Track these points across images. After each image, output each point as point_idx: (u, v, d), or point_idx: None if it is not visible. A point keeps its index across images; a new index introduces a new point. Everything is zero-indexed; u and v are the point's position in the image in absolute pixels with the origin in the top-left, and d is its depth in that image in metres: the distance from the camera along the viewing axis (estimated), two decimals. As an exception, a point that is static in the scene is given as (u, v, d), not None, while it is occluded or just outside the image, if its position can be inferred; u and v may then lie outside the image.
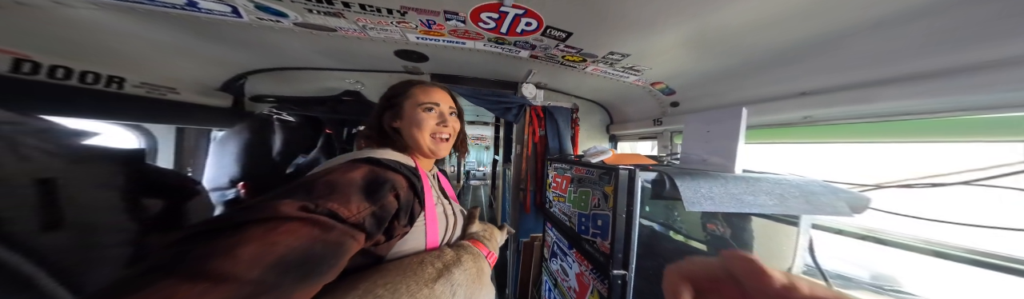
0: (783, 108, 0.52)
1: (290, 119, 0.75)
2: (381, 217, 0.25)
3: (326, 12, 0.49)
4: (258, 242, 0.17)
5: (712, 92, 0.69)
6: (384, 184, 0.27)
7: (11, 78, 0.39)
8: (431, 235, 0.31)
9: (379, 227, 0.25)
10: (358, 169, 0.27)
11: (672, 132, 0.88)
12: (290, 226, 0.19)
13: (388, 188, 0.27)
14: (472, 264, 0.31)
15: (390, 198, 0.26)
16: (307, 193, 0.22)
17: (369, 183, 0.26)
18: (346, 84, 0.86)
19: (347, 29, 0.58)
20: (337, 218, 0.21)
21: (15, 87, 0.39)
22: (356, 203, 0.23)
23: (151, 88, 0.58)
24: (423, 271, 0.27)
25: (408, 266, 0.27)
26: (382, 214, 0.25)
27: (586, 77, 0.83)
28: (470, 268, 0.30)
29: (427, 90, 0.38)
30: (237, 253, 0.16)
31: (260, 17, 0.50)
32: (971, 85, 0.32)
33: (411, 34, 0.61)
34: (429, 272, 0.27)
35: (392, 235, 0.27)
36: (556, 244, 0.72)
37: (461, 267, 0.29)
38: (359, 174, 0.27)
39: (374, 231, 0.24)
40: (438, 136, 0.37)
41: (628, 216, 0.43)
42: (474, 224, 0.41)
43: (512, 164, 1.06)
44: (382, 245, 0.27)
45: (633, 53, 0.61)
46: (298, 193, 0.22)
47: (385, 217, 0.25)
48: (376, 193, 0.25)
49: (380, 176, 0.27)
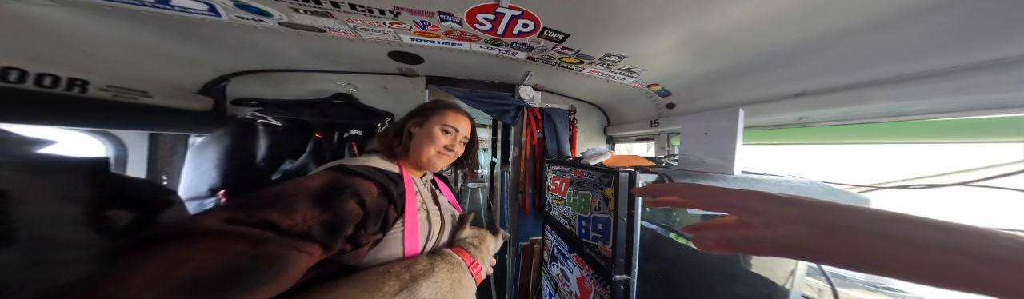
0: (778, 109, 0.52)
1: (276, 123, 0.70)
2: (335, 225, 0.23)
3: (314, 12, 0.48)
4: (165, 261, 0.16)
5: (708, 94, 0.70)
6: (343, 191, 0.26)
7: None
8: (410, 242, 0.30)
9: (334, 236, 0.23)
10: (320, 177, 0.27)
11: (669, 133, 0.89)
12: (210, 241, 0.18)
13: (348, 195, 0.26)
14: (446, 275, 0.28)
15: (350, 205, 0.25)
16: (248, 203, 0.22)
17: (325, 190, 0.25)
18: (337, 86, 0.83)
19: (337, 30, 0.56)
20: (273, 229, 0.20)
21: None
22: (302, 211, 0.22)
23: (119, 91, 0.52)
24: (384, 284, 0.24)
25: (368, 278, 0.25)
26: (336, 222, 0.23)
27: (583, 79, 0.84)
28: (442, 280, 0.28)
29: (457, 116, 0.41)
30: (132, 276, 0.15)
31: (241, 16, 0.47)
32: (964, 86, 0.32)
33: (405, 35, 0.60)
34: (391, 285, 0.25)
35: (359, 243, 0.26)
36: (556, 248, 0.71)
37: (431, 279, 0.27)
38: (318, 181, 0.26)
39: (328, 240, 0.23)
40: (442, 154, 0.39)
41: (629, 220, 0.42)
42: (464, 230, 0.38)
43: (510, 166, 1.05)
44: (349, 254, 0.26)
45: (630, 55, 0.61)
46: (241, 203, 0.21)
47: (341, 225, 0.24)
48: (331, 200, 0.24)
49: (341, 183, 0.27)
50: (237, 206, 0.21)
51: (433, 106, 0.41)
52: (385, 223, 0.28)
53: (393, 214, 0.29)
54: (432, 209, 0.35)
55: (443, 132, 0.39)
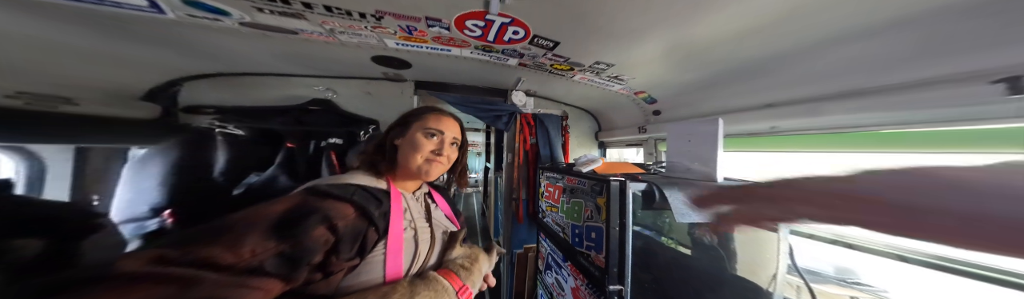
0: (753, 118, 0.55)
1: (238, 132, 0.63)
2: (295, 256, 0.21)
3: (281, 12, 0.43)
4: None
5: (689, 102, 0.72)
6: (309, 216, 0.24)
7: None
8: (392, 266, 0.27)
9: (295, 267, 0.21)
10: (284, 202, 0.25)
11: (656, 140, 0.91)
12: (127, 287, 0.15)
13: (316, 220, 0.24)
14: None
15: (318, 231, 0.23)
16: (186, 239, 0.19)
17: (286, 217, 0.23)
18: (314, 92, 0.76)
19: (311, 32, 0.52)
20: (211, 267, 0.18)
21: None
22: (252, 245, 0.20)
23: (33, 98, 0.44)
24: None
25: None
26: (297, 252, 0.21)
27: (574, 85, 0.85)
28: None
29: (439, 118, 0.38)
30: None
31: (191, 14, 0.42)
32: (913, 100, 0.35)
33: (389, 40, 0.58)
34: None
35: (330, 271, 0.24)
36: (550, 256, 0.70)
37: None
38: (280, 207, 0.24)
39: (288, 272, 0.21)
40: (432, 160, 0.36)
41: (621, 229, 0.42)
42: (455, 249, 0.35)
43: (504, 172, 1.04)
44: (319, 283, 0.24)
45: (617, 63, 0.63)
46: (178, 239, 0.19)
47: (303, 255, 0.22)
48: (294, 227, 0.22)
49: (308, 207, 0.24)
50: (171, 243, 0.19)
51: (413, 113, 0.39)
52: (363, 247, 0.26)
53: (373, 236, 0.27)
54: (421, 227, 0.33)
55: (427, 136, 0.36)
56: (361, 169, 0.35)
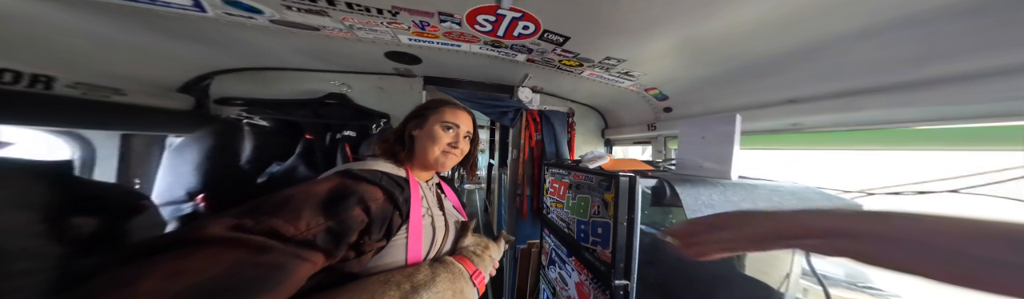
0: (772, 115, 0.53)
1: (263, 123, 0.67)
2: (340, 233, 0.23)
3: (308, 10, 0.46)
4: (170, 270, 0.16)
5: (704, 98, 0.70)
6: (350, 196, 0.25)
7: None
8: (413, 249, 0.29)
9: (338, 244, 0.23)
10: (327, 182, 0.26)
11: (666, 137, 0.89)
12: (214, 249, 0.18)
13: (354, 201, 0.25)
14: (447, 285, 0.28)
15: (355, 212, 0.25)
16: (254, 209, 0.21)
17: (331, 197, 0.25)
18: (330, 86, 0.79)
19: (332, 28, 0.54)
20: (277, 236, 0.20)
21: None
22: (307, 219, 0.22)
23: (88, 89, 0.48)
24: (384, 293, 0.24)
25: (368, 287, 0.24)
26: (341, 230, 0.23)
27: (582, 81, 0.84)
28: (444, 291, 0.27)
29: (455, 112, 0.40)
30: (139, 284, 0.15)
31: (229, 12, 0.45)
32: (954, 95, 0.32)
33: (403, 35, 0.59)
34: (391, 295, 0.24)
35: (362, 250, 0.25)
36: (554, 251, 0.70)
37: (432, 289, 0.26)
38: (325, 187, 0.25)
39: (332, 248, 0.22)
40: (448, 152, 0.38)
41: (629, 224, 0.42)
42: (467, 237, 0.37)
43: (508, 169, 1.05)
44: (352, 261, 0.25)
45: (628, 58, 0.61)
46: (248, 209, 0.21)
47: (345, 233, 0.23)
48: (336, 207, 0.24)
49: (348, 188, 0.26)
50: (243, 213, 0.21)
51: (429, 105, 0.40)
52: (389, 230, 0.27)
53: (397, 220, 0.28)
54: (437, 215, 0.34)
55: (444, 129, 0.38)
56: (381, 157, 0.36)
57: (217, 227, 0.18)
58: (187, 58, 0.62)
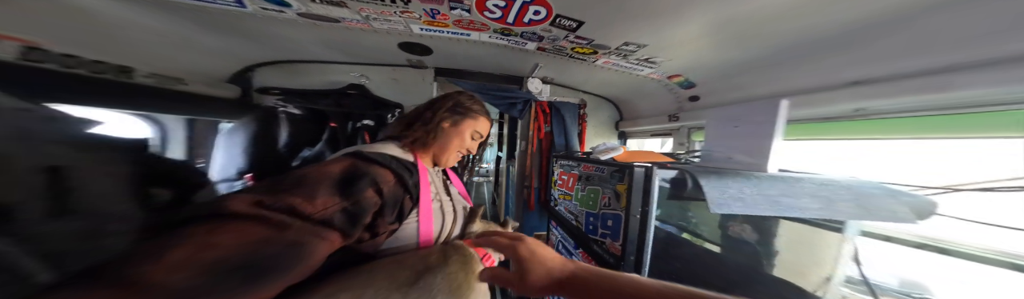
0: (830, 100, 0.46)
1: (296, 112, 0.74)
2: (355, 213, 0.23)
3: (328, 1, 0.48)
4: (196, 242, 0.16)
5: (740, 85, 0.63)
6: (362, 178, 0.25)
7: (20, 65, 0.39)
8: (424, 232, 0.30)
9: (354, 224, 0.23)
10: (339, 163, 0.27)
11: (690, 128, 0.82)
12: (237, 224, 0.18)
13: (367, 183, 0.25)
14: (460, 267, 0.27)
15: (368, 193, 0.25)
16: (272, 187, 0.22)
17: (345, 177, 0.25)
18: (350, 78, 0.85)
19: (350, 20, 0.56)
20: (297, 214, 0.20)
21: (24, 74, 0.39)
22: (323, 198, 0.22)
23: (160, 79, 0.58)
24: (400, 274, 0.24)
25: (382, 268, 0.25)
26: (356, 210, 0.23)
27: (596, 71, 0.79)
28: (457, 272, 0.27)
29: (487, 123, 0.42)
30: (165, 256, 0.15)
31: (263, 7, 0.49)
32: None
33: (415, 25, 0.59)
34: (405, 276, 0.24)
35: (377, 232, 0.26)
36: (561, 243, 0.71)
37: (445, 271, 0.26)
38: (338, 168, 0.26)
39: (348, 228, 0.22)
40: (461, 155, 0.41)
41: (643, 217, 0.41)
42: (475, 223, 0.37)
43: (516, 161, 1.04)
44: (367, 243, 0.26)
45: (651, 44, 0.57)
46: (265, 187, 0.22)
47: (360, 213, 0.24)
48: (350, 187, 0.24)
49: (360, 170, 0.26)
50: (263, 189, 0.21)
51: (470, 108, 0.40)
52: (401, 212, 0.28)
53: (408, 204, 0.29)
54: (445, 200, 0.35)
55: (474, 137, 0.40)
56: (394, 140, 0.36)
57: (240, 203, 0.18)
58: (234, 52, 0.70)
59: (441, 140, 0.38)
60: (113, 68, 0.50)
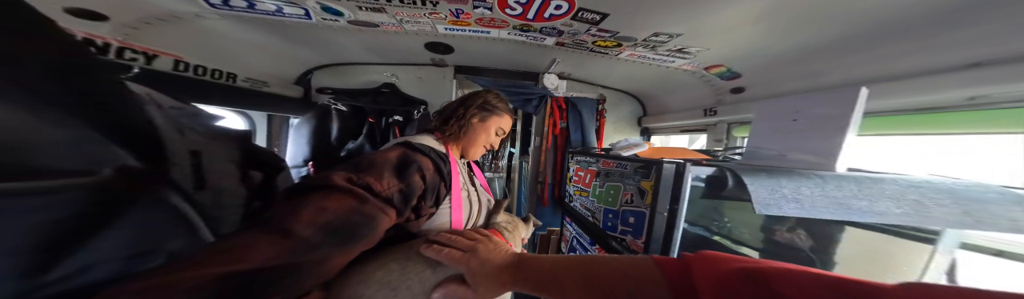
0: (933, 87, 0.38)
1: (343, 109, 0.85)
2: (408, 195, 0.27)
3: (371, 8, 0.53)
4: (314, 206, 0.20)
5: (802, 72, 0.56)
6: (412, 164, 0.29)
7: (172, 74, 0.55)
8: (455, 218, 0.33)
9: (407, 204, 0.26)
10: (394, 150, 0.31)
11: (730, 123, 0.74)
12: (338, 195, 0.22)
13: (415, 168, 0.29)
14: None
15: (416, 178, 0.28)
16: (354, 168, 0.26)
17: (400, 163, 0.29)
18: (384, 77, 0.94)
19: (388, 24, 0.61)
20: (371, 191, 0.24)
21: (174, 81, 0.55)
22: (388, 179, 0.25)
23: (253, 82, 0.72)
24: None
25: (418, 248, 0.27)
26: (408, 192, 0.27)
27: (617, 64, 0.76)
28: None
29: (510, 122, 0.45)
30: (300, 214, 0.20)
31: (324, 17, 0.57)
32: None
33: (440, 25, 0.62)
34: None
35: (420, 214, 0.29)
36: (575, 239, 0.70)
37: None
38: (394, 155, 0.30)
39: (403, 208, 0.26)
40: (485, 149, 0.44)
41: (671, 215, 0.38)
42: (499, 214, 0.41)
43: (530, 157, 1.05)
44: (413, 222, 0.29)
45: (686, 32, 0.52)
46: (351, 167, 0.26)
47: (411, 195, 0.27)
48: (404, 172, 0.28)
49: (409, 157, 0.30)
50: (351, 169, 0.25)
51: (496, 106, 0.43)
52: (438, 198, 0.31)
53: (443, 191, 0.32)
54: (471, 190, 0.38)
55: (499, 133, 0.43)
56: (427, 133, 0.41)
57: (339, 178, 0.23)
58: (299, 57, 0.83)
59: (470, 134, 0.41)
60: (225, 75, 0.64)
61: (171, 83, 0.54)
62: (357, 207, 0.22)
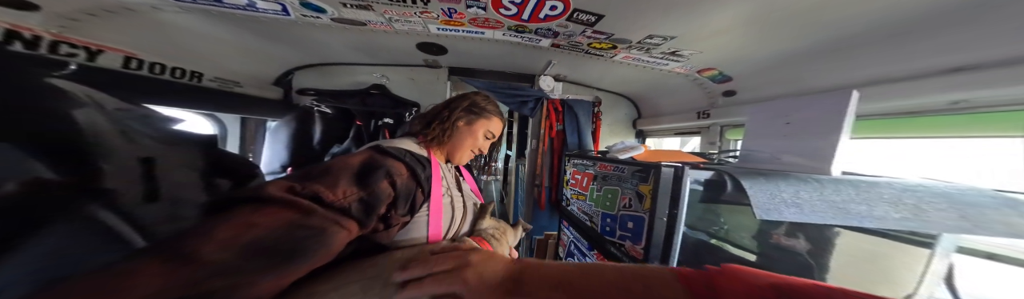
0: (918, 91, 0.40)
1: (328, 111, 0.82)
2: (370, 204, 0.24)
3: (357, 5, 0.51)
4: (237, 223, 0.18)
5: (790, 76, 0.57)
6: (378, 170, 0.26)
7: (121, 72, 0.48)
8: (434, 226, 0.30)
9: (369, 214, 0.24)
10: (358, 155, 0.28)
11: (724, 126, 0.75)
12: (272, 208, 0.19)
13: (382, 174, 0.26)
14: None
15: (383, 185, 0.26)
16: (303, 175, 0.23)
17: (363, 168, 0.26)
18: (373, 78, 0.90)
19: (376, 22, 0.59)
20: (320, 201, 0.21)
21: (124, 80, 0.48)
22: (343, 187, 0.23)
23: (222, 82, 0.66)
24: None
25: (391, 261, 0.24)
26: (371, 201, 0.24)
27: (613, 67, 0.76)
28: None
29: (500, 123, 0.43)
30: (213, 234, 0.16)
31: (304, 14, 0.54)
32: None
33: (432, 25, 0.61)
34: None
35: (390, 223, 0.27)
36: (573, 244, 0.69)
37: None
38: (357, 160, 0.27)
39: (365, 218, 0.23)
40: (473, 153, 0.42)
41: (671, 220, 0.37)
42: (484, 220, 0.37)
43: (527, 159, 1.04)
44: (381, 233, 0.26)
45: (679, 35, 0.53)
46: (299, 175, 0.23)
47: (375, 204, 0.24)
48: (367, 178, 0.25)
49: (376, 162, 0.27)
50: (296, 177, 0.23)
51: (485, 108, 0.41)
52: (413, 205, 0.29)
53: (420, 197, 0.29)
54: (455, 195, 0.35)
55: (487, 136, 0.41)
56: (411, 136, 0.38)
57: (276, 189, 0.20)
58: (278, 56, 0.78)
59: (455, 138, 0.39)
60: (189, 74, 0.58)
61: (121, 83, 0.48)
62: (299, 221, 0.19)
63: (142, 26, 0.50)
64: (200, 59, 0.62)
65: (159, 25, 0.52)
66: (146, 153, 0.25)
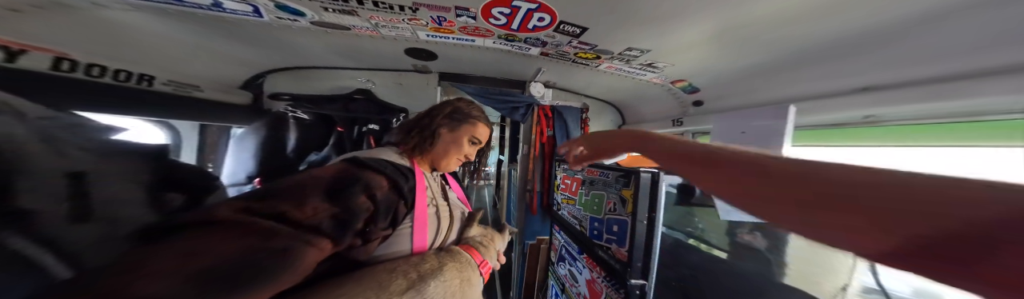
0: (839, 106, 0.45)
1: (304, 117, 0.77)
2: (345, 220, 0.23)
3: (341, 10, 0.50)
4: (179, 251, 0.16)
5: (745, 89, 0.63)
6: (354, 184, 0.25)
7: (50, 75, 0.41)
8: (418, 238, 0.29)
9: (344, 231, 0.22)
10: (333, 168, 0.27)
11: (694, 133, 0.83)
12: (224, 232, 0.17)
13: (359, 189, 0.25)
14: (455, 274, 0.27)
15: (361, 199, 0.24)
16: (264, 193, 0.22)
17: (337, 183, 0.24)
18: (357, 83, 0.87)
19: (360, 27, 0.58)
20: (285, 221, 0.19)
21: (53, 84, 0.41)
22: (313, 204, 0.21)
23: (177, 86, 0.61)
24: (391, 282, 0.23)
25: (375, 277, 0.24)
26: (347, 216, 0.23)
27: (599, 75, 0.81)
28: (451, 279, 0.26)
29: (485, 128, 0.42)
30: (145, 265, 0.15)
31: (279, 16, 0.51)
32: None
33: (421, 32, 0.61)
34: (398, 284, 0.23)
35: (369, 238, 0.25)
36: (564, 248, 0.70)
37: (440, 278, 0.26)
38: (330, 173, 0.25)
39: (338, 235, 0.22)
40: (459, 161, 0.41)
41: (650, 223, 0.40)
42: (473, 227, 0.37)
43: (519, 164, 1.05)
44: (358, 249, 0.25)
45: (653, 49, 0.57)
46: (257, 193, 0.22)
47: (351, 220, 0.23)
48: (342, 193, 0.24)
49: (353, 176, 0.26)
50: (253, 196, 0.21)
51: (469, 113, 0.41)
52: (395, 218, 0.28)
53: (403, 209, 0.29)
54: (441, 205, 0.35)
55: (472, 142, 0.40)
56: (393, 146, 0.37)
57: (226, 210, 0.18)
58: (247, 59, 0.72)
59: (439, 146, 0.38)
60: (136, 77, 0.52)
61: (50, 87, 0.41)
62: (258, 244, 0.18)
63: (80, 24, 0.44)
64: (152, 61, 0.55)
65: (102, 23, 0.46)
66: (75, 167, 0.22)
